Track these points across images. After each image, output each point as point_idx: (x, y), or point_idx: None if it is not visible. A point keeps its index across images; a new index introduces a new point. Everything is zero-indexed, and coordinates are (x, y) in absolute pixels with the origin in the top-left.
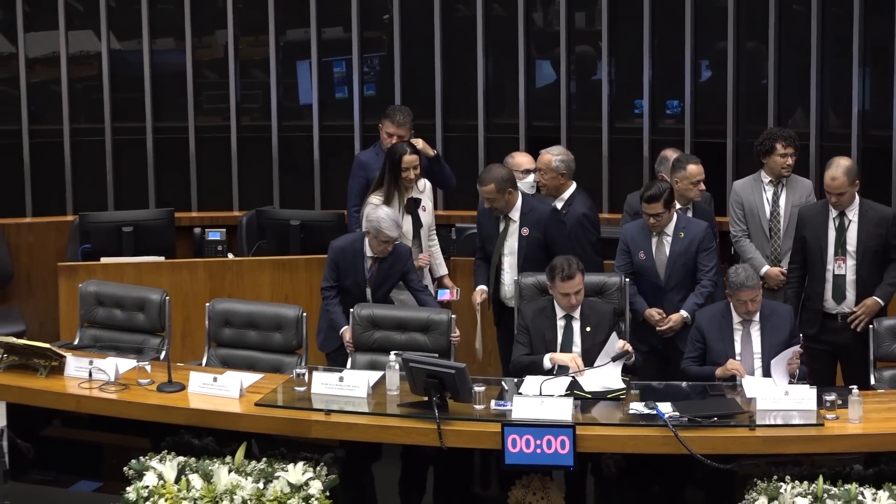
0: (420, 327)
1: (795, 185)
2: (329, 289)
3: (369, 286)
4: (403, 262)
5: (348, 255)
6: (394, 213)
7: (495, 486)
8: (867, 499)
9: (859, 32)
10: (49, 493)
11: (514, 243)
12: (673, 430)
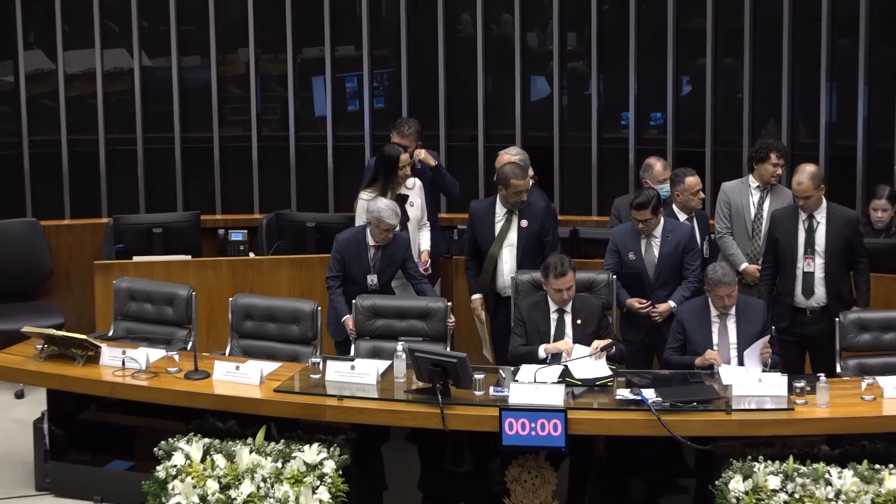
0: (419, 315)
1: (779, 192)
2: (333, 279)
3: (374, 272)
4: (403, 249)
5: (352, 246)
6: (392, 203)
7: (494, 465)
8: (833, 477)
9: (826, 51)
10: (86, 471)
11: (514, 236)
12: (656, 414)
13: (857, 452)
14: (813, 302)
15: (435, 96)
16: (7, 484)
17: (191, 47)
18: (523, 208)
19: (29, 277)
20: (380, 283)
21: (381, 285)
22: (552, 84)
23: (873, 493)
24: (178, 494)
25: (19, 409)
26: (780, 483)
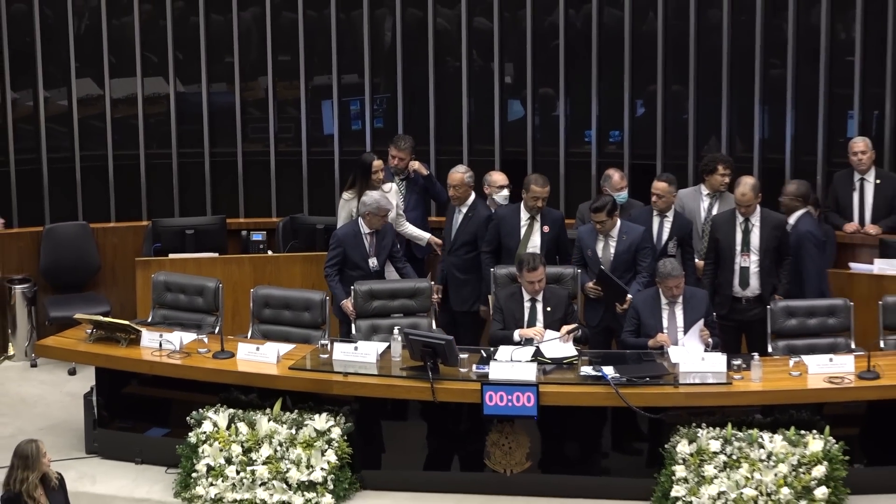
0: (409, 294)
1: (726, 199)
2: (331, 267)
3: (374, 256)
4: (392, 233)
5: (350, 237)
6: (383, 193)
7: (476, 431)
8: (765, 441)
9: (759, 78)
10: (128, 437)
11: (537, 239)
12: (614, 388)
13: (785, 420)
14: (748, 292)
15: (426, 117)
16: (62, 447)
17: (218, 76)
18: (545, 215)
19: (80, 272)
20: (379, 264)
21: (380, 266)
22: (526, 107)
23: (799, 455)
24: (207, 457)
25: (72, 384)
26: (720, 446)
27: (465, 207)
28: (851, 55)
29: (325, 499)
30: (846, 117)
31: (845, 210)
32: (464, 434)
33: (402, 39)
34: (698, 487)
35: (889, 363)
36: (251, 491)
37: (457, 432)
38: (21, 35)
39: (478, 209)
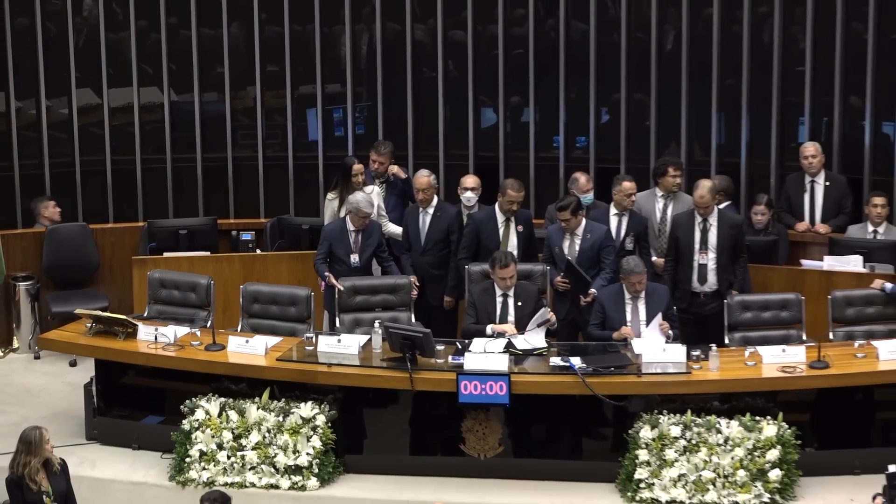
0: (389, 290)
1: (680, 199)
2: (320, 259)
3: (356, 253)
4: (378, 234)
5: (336, 233)
6: (367, 196)
7: (452, 418)
8: (722, 426)
9: (716, 87)
10: (125, 425)
11: (514, 238)
12: (582, 377)
13: (741, 407)
14: (706, 287)
15: (404, 124)
16: (64, 434)
17: (209, 86)
18: (517, 215)
19: (80, 270)
20: (360, 261)
21: (361, 263)
22: (498, 114)
23: (754, 440)
24: (199, 443)
25: (73, 375)
26: (681, 431)
27: (430, 209)
28: (802, 66)
29: (311, 482)
30: (797, 124)
31: (797, 210)
32: (440, 421)
33: (381, 51)
34: (660, 470)
35: (838, 353)
36: (241, 475)
37: (434, 419)
38: (24, 48)
39: (444, 208)
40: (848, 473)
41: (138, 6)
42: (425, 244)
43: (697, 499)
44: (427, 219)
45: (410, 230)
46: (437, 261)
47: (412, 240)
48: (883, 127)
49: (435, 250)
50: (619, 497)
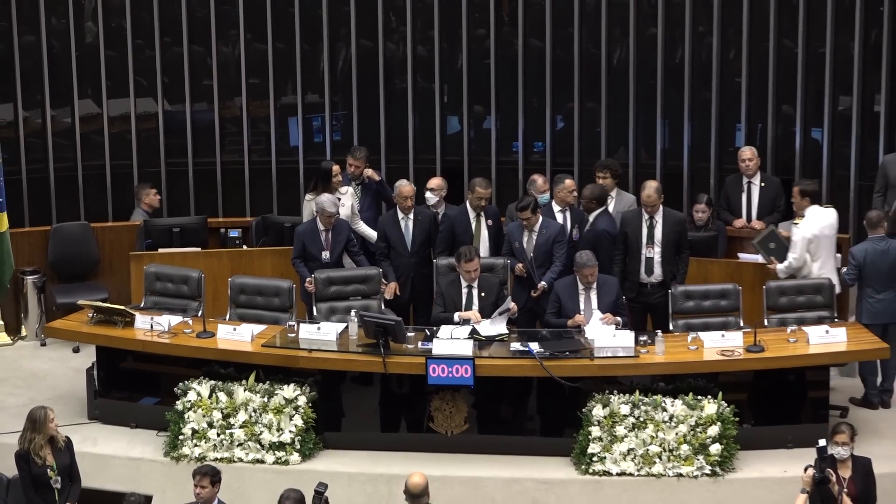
0: (360, 281)
1: (621, 198)
2: (296, 258)
3: (327, 250)
4: (346, 231)
5: (308, 233)
6: (332, 197)
7: (422, 398)
8: (667, 405)
9: (660, 97)
10: (124, 405)
11: (484, 232)
12: (539, 361)
13: (684, 387)
14: (653, 279)
15: (377, 131)
16: (68, 414)
17: (199, 97)
18: (486, 211)
19: (82, 265)
20: (331, 258)
21: (332, 259)
22: (462, 122)
23: (696, 417)
24: (192, 422)
25: (76, 361)
26: (629, 409)
27: (410, 214)
28: (738, 77)
29: (293, 457)
30: (734, 130)
31: (735, 208)
32: (411, 401)
33: (356, 66)
34: (611, 445)
35: (772, 338)
36: (230, 450)
37: (405, 399)
38: (31, 63)
39: (422, 212)
40: (781, 447)
41: (134, 26)
42: (412, 247)
43: (645, 471)
44: (410, 224)
45: (392, 236)
46: (422, 260)
47: (396, 245)
48: (812, 132)
49: (421, 252)
50: (573, 470)
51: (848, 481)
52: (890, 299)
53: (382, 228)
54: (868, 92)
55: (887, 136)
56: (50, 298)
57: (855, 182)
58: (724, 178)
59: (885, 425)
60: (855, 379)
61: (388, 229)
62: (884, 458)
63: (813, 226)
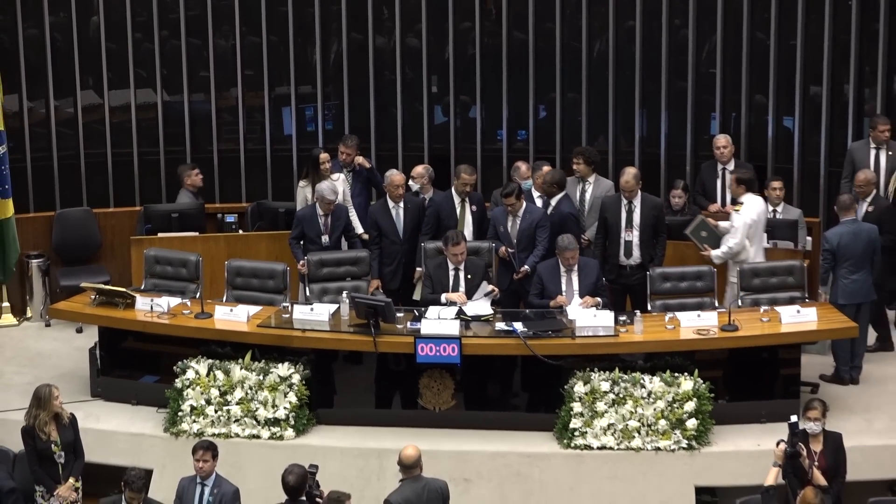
0: (351, 262)
1: (599, 183)
2: (293, 238)
3: (326, 234)
4: (344, 217)
5: (307, 217)
6: (331, 184)
7: (411, 376)
8: (646, 382)
9: (639, 87)
10: (125, 383)
11: (468, 217)
12: (523, 340)
13: (662, 365)
14: (631, 261)
15: (368, 120)
16: (72, 392)
17: (197, 87)
18: (470, 197)
19: (85, 249)
20: (330, 241)
21: (331, 242)
22: (449, 112)
23: (673, 393)
24: (190, 399)
25: (79, 340)
26: (609, 386)
27: (401, 202)
28: (713, 68)
29: (288, 432)
30: (710, 119)
31: (710, 193)
32: (400, 379)
33: (347, 58)
34: (592, 420)
35: (746, 318)
36: (227, 426)
37: (395, 377)
38: (35, 55)
39: (411, 200)
40: (755, 422)
41: (134, 20)
42: (404, 234)
43: (624, 445)
44: (400, 212)
45: (384, 224)
46: (414, 247)
47: (388, 233)
48: (784, 121)
49: (413, 238)
50: (556, 444)
51: (819, 455)
52: (863, 280)
53: (374, 217)
54: (837, 83)
55: (855, 124)
56: (54, 281)
57: (825, 168)
58: (699, 164)
59: (855, 401)
60: (827, 357)
61: (380, 218)
62: (853, 432)
63: (752, 212)
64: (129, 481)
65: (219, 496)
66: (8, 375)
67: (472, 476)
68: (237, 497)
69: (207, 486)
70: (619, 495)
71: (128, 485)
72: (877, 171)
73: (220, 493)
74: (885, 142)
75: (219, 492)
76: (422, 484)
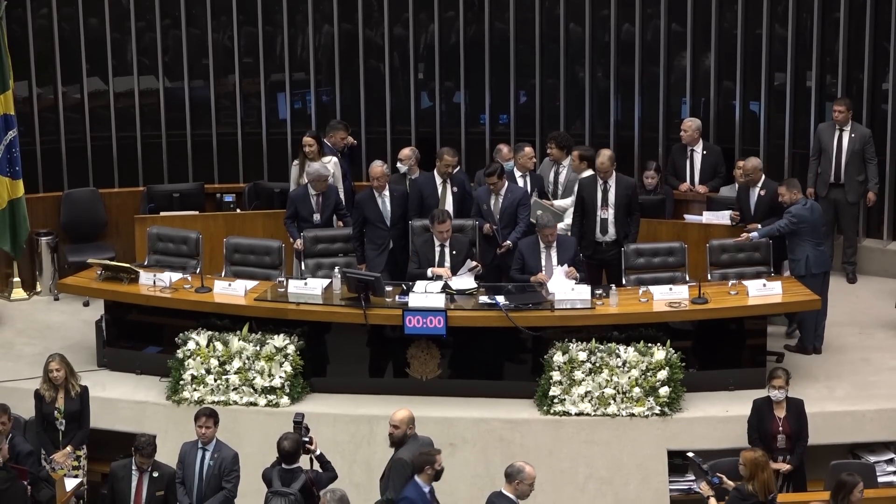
0: (345, 239)
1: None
2: (288, 218)
3: (318, 212)
4: (335, 195)
5: (300, 197)
6: (322, 165)
7: (399, 347)
8: (621, 351)
9: (613, 73)
10: (130, 354)
11: (449, 198)
12: (505, 312)
13: (636, 335)
14: (607, 238)
15: (358, 106)
16: (79, 362)
17: (197, 74)
18: (453, 179)
19: (92, 227)
20: (322, 219)
21: (323, 220)
22: (434, 97)
23: (647, 362)
24: (191, 368)
25: (86, 313)
26: (587, 356)
27: (385, 191)
28: (684, 54)
29: (283, 400)
30: (680, 103)
31: (680, 174)
32: (389, 349)
33: (338, 46)
34: (570, 388)
35: (715, 291)
36: (226, 394)
37: (384, 348)
38: (43, 44)
39: (396, 188)
40: (724, 389)
41: (137, 10)
42: (392, 221)
43: (601, 411)
44: (386, 200)
45: (371, 214)
46: (401, 233)
47: (375, 221)
48: (750, 105)
49: (400, 223)
50: (536, 410)
51: (783, 420)
52: (827, 250)
53: (360, 207)
54: (800, 70)
55: (817, 109)
56: (62, 257)
57: (789, 150)
58: (670, 146)
59: (818, 370)
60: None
61: (367, 208)
62: (815, 399)
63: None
64: (139, 447)
65: (219, 460)
66: (19, 347)
67: (458, 441)
68: (236, 461)
69: (208, 450)
70: (596, 459)
71: (138, 450)
72: (839, 150)
73: (220, 457)
74: (845, 123)
75: (219, 456)
76: (419, 441)
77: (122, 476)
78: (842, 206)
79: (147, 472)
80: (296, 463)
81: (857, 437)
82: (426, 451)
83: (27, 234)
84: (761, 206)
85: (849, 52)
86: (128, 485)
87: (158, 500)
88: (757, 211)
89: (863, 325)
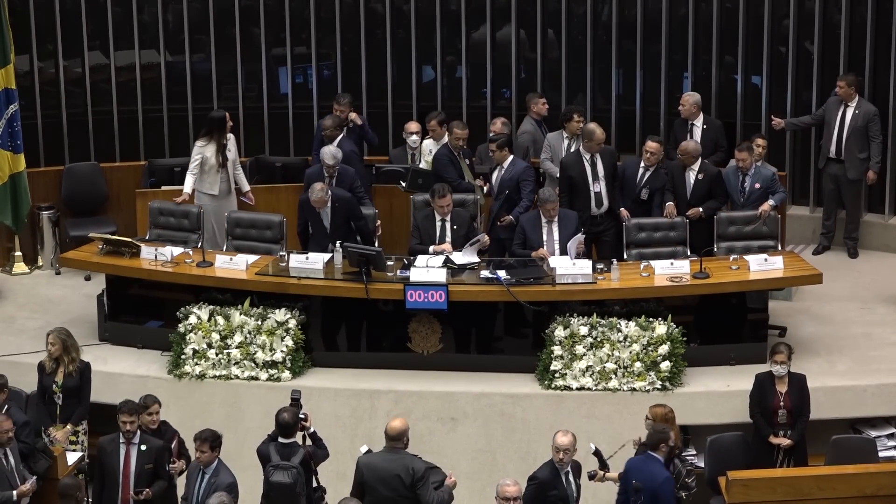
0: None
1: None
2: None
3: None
4: (351, 179)
5: (314, 176)
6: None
7: (400, 321)
8: (622, 326)
9: (615, 47)
10: (131, 328)
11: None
12: (507, 287)
13: (637, 310)
14: (602, 210)
15: (359, 79)
16: (81, 336)
17: (198, 48)
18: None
19: (93, 201)
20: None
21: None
22: (436, 71)
23: (648, 337)
24: (192, 343)
25: (88, 288)
26: (588, 330)
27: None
28: (686, 30)
29: (284, 374)
30: (682, 78)
31: None
32: (391, 323)
33: (339, 20)
34: (571, 363)
35: (716, 266)
36: (227, 369)
37: (385, 322)
38: (45, 18)
39: (339, 199)
40: (725, 364)
41: None
42: (331, 231)
43: (602, 386)
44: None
45: (313, 223)
46: (344, 237)
47: (317, 233)
48: (752, 79)
49: (343, 229)
50: (537, 385)
51: (784, 395)
52: None
53: (303, 210)
54: (802, 43)
55: (819, 82)
56: (63, 231)
57: None
58: (672, 120)
59: (819, 344)
60: (793, 303)
61: (310, 215)
62: (817, 374)
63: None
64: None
65: (214, 484)
66: (20, 321)
67: (459, 415)
68: (232, 488)
69: (207, 473)
70: (597, 433)
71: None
72: (841, 125)
73: (216, 481)
74: (849, 98)
75: (215, 481)
76: (394, 458)
77: (111, 450)
78: (842, 181)
79: (135, 444)
80: (293, 437)
81: (857, 411)
82: (659, 429)
83: (28, 209)
84: (698, 190)
85: (851, 24)
86: (116, 459)
87: (147, 472)
88: (693, 195)
89: (864, 299)
